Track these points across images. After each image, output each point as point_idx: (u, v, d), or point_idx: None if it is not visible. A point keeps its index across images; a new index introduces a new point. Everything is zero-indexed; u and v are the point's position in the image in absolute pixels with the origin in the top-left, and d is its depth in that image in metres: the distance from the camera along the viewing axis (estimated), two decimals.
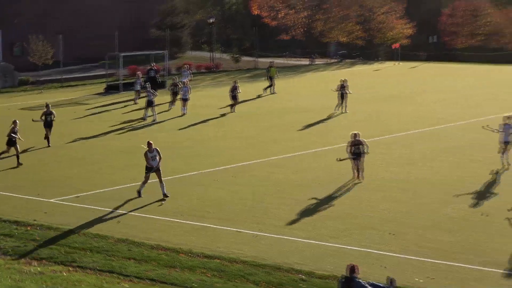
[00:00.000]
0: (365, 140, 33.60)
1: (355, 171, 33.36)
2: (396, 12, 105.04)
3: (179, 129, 48.41)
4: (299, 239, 25.79)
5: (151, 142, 31.55)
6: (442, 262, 23.37)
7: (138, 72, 65.07)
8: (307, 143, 43.00)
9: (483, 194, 31.41)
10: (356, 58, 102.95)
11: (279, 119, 51.91)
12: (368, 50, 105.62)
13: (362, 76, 77.22)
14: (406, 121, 49.81)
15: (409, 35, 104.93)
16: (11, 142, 38.34)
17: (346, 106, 53.94)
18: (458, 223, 27.47)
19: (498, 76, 78.64)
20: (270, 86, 66.40)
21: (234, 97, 55.43)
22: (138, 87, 59.40)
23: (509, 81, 73.34)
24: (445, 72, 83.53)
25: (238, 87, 55.83)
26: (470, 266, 22.97)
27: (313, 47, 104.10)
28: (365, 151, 33.08)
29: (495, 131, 36.48)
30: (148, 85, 55.73)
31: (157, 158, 31.22)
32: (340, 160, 33.37)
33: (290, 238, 25.96)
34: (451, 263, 23.23)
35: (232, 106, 55.39)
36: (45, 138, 43.03)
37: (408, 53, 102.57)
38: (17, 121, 39.32)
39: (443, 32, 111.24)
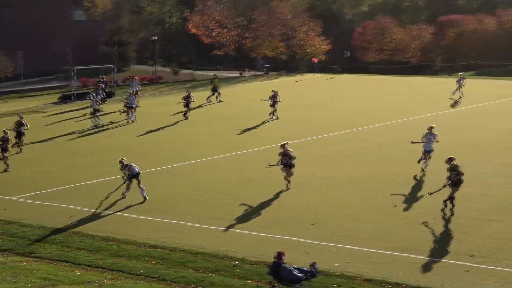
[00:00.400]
0: (292, 149, 32.31)
1: (286, 178, 31.77)
2: (314, 31, 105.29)
3: (131, 135, 47.96)
4: (233, 230, 25.70)
5: (123, 159, 30.53)
6: (358, 248, 23.43)
7: (100, 84, 64.38)
8: (243, 145, 42.89)
9: (393, 189, 31.51)
10: (281, 70, 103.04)
11: (219, 124, 51.58)
12: (291, 64, 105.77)
13: (286, 86, 77.13)
14: (325, 125, 49.84)
15: (326, 50, 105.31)
16: (2, 149, 37.67)
17: (276, 113, 53.66)
18: (371, 214, 27.57)
19: (403, 86, 79.24)
20: (212, 95, 65.91)
21: (187, 104, 54.80)
22: (99, 98, 58.95)
23: (413, 90, 73.95)
24: (357, 83, 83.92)
25: (192, 97, 55.27)
26: (381, 251, 23.05)
27: (243, 61, 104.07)
28: (294, 160, 31.57)
29: (420, 141, 34.96)
30: (93, 94, 55.24)
31: (136, 169, 30.25)
32: (269, 166, 32.39)
33: (225, 229, 25.82)
34: (365, 249, 23.30)
35: (185, 113, 54.65)
36: (14, 145, 41.81)
37: (325, 66, 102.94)
38: (7, 130, 38.59)
39: (355, 48, 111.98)
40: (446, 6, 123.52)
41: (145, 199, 29.86)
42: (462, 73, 69.57)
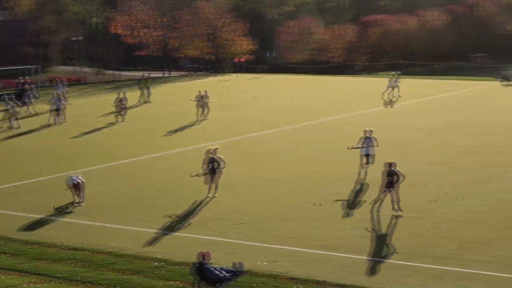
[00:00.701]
0: (222, 156, 30.80)
1: (210, 186, 30.31)
2: (239, 31, 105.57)
3: (60, 136, 47.26)
4: (159, 231, 25.46)
5: (76, 183, 29.55)
6: (283, 247, 23.46)
7: (28, 86, 63.22)
8: (171, 145, 42.62)
9: (317, 188, 31.72)
10: (204, 70, 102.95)
11: (147, 125, 51.32)
12: (216, 64, 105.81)
13: (211, 86, 77.04)
14: (250, 125, 49.92)
15: (251, 50, 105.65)
16: None
17: (204, 114, 53.41)
18: (296, 213, 27.66)
19: (328, 85, 79.92)
20: (146, 96, 65.45)
21: (121, 106, 53.79)
22: (26, 99, 58.04)
23: (338, 89, 74.63)
24: (282, 83, 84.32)
25: (126, 98, 54.32)
26: (306, 250, 23.13)
27: (169, 61, 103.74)
28: (222, 166, 30.28)
29: (359, 145, 34.20)
30: (11, 96, 54.29)
31: (78, 179, 29.54)
32: (196, 176, 30.44)
33: (150, 230, 25.57)
34: (290, 248, 23.35)
35: (118, 114, 53.47)
36: None
37: (251, 66, 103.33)
38: None
39: (280, 48, 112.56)
40: (369, 6, 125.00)
41: (76, 203, 29.13)
42: (394, 73, 70.02)
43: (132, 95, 64.55)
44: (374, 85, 72.38)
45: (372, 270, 21.34)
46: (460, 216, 27.07)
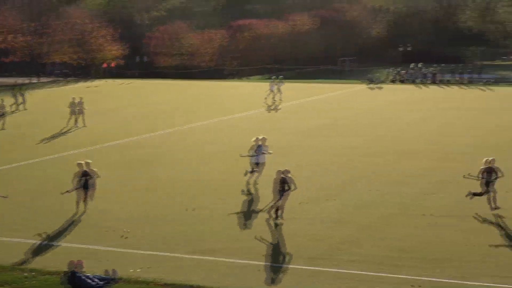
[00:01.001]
0: (95, 169, 29.45)
1: (80, 202, 28.58)
2: (109, 36, 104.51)
3: None
4: (27, 241, 24.86)
5: None
6: (156, 253, 23.37)
7: None
8: (41, 153, 41.72)
9: (190, 193, 31.72)
10: (75, 76, 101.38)
11: (20, 132, 50.16)
12: (86, 69, 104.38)
13: (82, 92, 75.76)
14: (122, 131, 49.44)
15: (122, 55, 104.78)
16: None
17: (77, 121, 52.35)
18: (168, 218, 27.61)
19: (198, 90, 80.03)
20: (20, 103, 63.63)
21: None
22: None
23: (207, 94, 74.85)
24: (152, 88, 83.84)
25: (3, 106, 52.72)
26: (179, 255, 23.15)
27: (38, 67, 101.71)
28: (95, 179, 28.85)
29: (250, 153, 33.19)
30: None
31: None
32: (66, 192, 28.59)
33: (18, 240, 25.01)
34: (164, 253, 23.29)
35: None
36: None
37: (122, 72, 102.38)
38: None
39: (151, 53, 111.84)
40: (239, 11, 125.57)
41: None
42: (275, 77, 70.41)
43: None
44: (244, 88, 72.77)
45: (246, 272, 21.49)
46: (331, 217, 27.59)
